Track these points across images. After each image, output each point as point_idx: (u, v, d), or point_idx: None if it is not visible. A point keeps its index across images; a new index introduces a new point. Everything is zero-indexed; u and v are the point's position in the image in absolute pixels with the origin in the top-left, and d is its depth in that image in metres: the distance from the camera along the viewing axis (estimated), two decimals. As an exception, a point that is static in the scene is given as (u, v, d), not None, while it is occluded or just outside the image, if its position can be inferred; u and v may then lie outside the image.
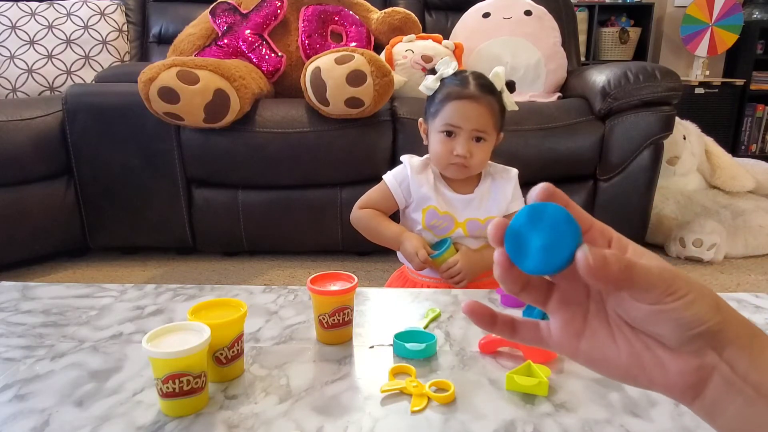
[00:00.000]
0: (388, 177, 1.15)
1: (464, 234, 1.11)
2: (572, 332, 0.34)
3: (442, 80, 1.09)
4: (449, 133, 1.06)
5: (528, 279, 0.34)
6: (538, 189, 0.33)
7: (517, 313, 0.85)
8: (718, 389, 0.31)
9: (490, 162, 1.14)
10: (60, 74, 2.33)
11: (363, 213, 1.17)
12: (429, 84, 1.10)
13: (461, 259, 1.07)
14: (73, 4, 2.39)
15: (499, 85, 1.07)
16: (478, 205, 1.11)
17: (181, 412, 0.59)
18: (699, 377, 0.32)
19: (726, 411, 0.31)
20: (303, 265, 1.98)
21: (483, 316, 0.35)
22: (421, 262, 1.05)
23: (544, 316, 0.65)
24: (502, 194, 1.11)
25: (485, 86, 1.06)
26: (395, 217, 1.17)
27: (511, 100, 1.08)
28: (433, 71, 1.10)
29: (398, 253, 1.18)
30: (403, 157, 1.16)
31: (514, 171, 1.14)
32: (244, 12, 2.16)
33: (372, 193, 1.17)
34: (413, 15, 2.26)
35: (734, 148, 3.65)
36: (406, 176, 1.12)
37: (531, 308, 0.81)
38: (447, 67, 1.09)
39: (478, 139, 1.05)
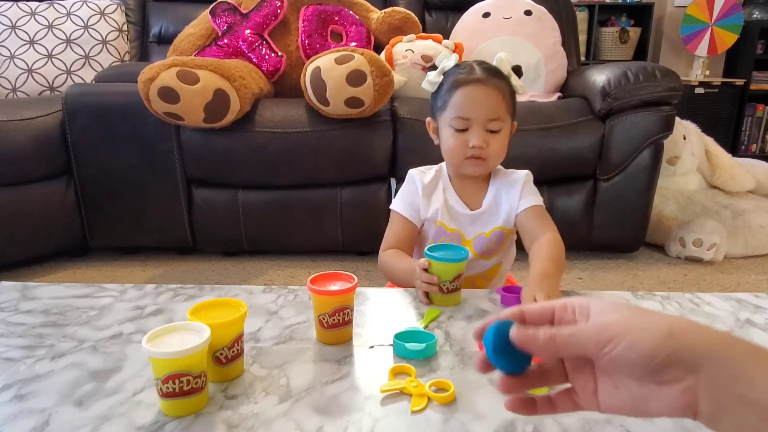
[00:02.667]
0: (396, 204, 1.08)
1: (472, 252, 1.04)
2: (589, 392, 0.40)
3: (445, 73, 1.03)
4: (462, 128, 0.99)
5: (546, 370, 0.42)
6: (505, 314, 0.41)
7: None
8: (707, 406, 0.34)
9: (499, 167, 1.08)
10: (60, 74, 2.33)
11: (383, 256, 1.05)
12: (432, 79, 1.05)
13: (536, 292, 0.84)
14: (73, 4, 2.39)
15: (506, 69, 1.02)
16: (487, 220, 1.06)
17: (181, 412, 0.59)
18: (687, 399, 0.34)
19: (720, 424, 0.34)
20: (303, 265, 1.98)
21: (527, 408, 0.42)
22: (423, 272, 0.88)
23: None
24: (510, 202, 1.04)
25: (492, 70, 1.00)
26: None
27: (519, 83, 1.03)
28: (433, 68, 1.06)
29: None
30: (412, 172, 1.09)
31: (522, 173, 1.06)
32: (244, 12, 2.16)
33: (388, 231, 1.08)
34: (413, 15, 2.26)
35: (734, 148, 3.65)
36: (417, 193, 1.06)
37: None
38: (448, 60, 1.04)
39: (493, 130, 0.98)
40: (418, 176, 1.08)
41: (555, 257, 0.95)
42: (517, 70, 1.05)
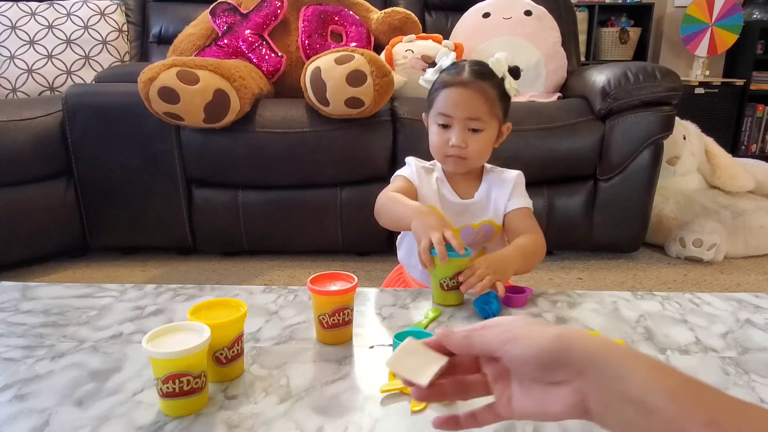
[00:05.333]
0: (401, 171, 1.11)
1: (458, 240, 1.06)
2: (506, 399, 0.43)
3: (441, 72, 1.06)
4: (444, 124, 1.02)
5: (467, 387, 0.47)
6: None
7: (518, 313, 0.85)
8: (595, 406, 0.38)
9: (493, 166, 1.11)
10: (60, 74, 2.33)
11: (382, 195, 1.05)
12: (428, 77, 1.07)
13: (483, 263, 0.88)
14: (73, 4, 2.39)
15: (500, 71, 1.03)
16: (476, 212, 1.08)
17: (181, 412, 0.59)
18: (578, 399, 0.38)
19: (607, 421, 0.38)
20: (303, 265, 1.98)
21: (451, 425, 0.46)
22: (442, 241, 0.83)
23: (497, 313, 0.80)
24: (500, 198, 1.07)
25: (479, 72, 1.02)
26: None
27: (513, 85, 1.04)
28: (433, 64, 1.08)
29: (398, 254, 1.17)
30: (409, 159, 1.13)
31: (515, 173, 1.09)
32: (244, 12, 2.16)
33: (390, 186, 1.08)
34: (413, 15, 2.26)
35: (734, 148, 3.65)
36: (414, 175, 1.09)
37: (483, 304, 0.82)
38: (446, 58, 1.06)
39: (474, 130, 1.01)
40: (414, 162, 1.11)
41: (527, 250, 0.97)
42: (515, 71, 1.06)
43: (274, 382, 0.66)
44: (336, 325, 0.74)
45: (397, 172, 1.12)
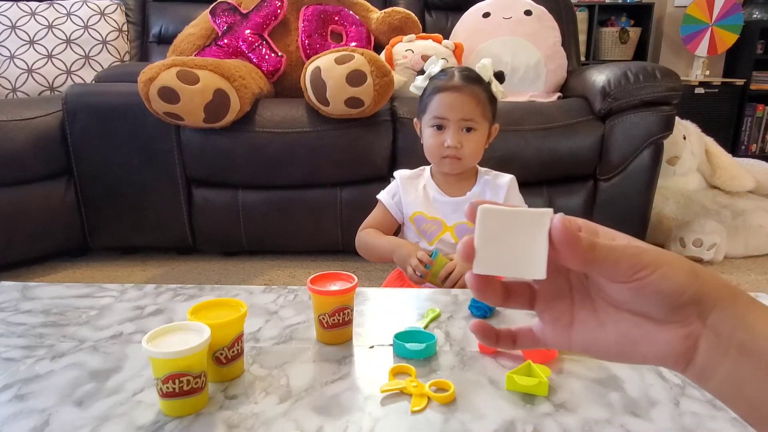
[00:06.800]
0: (382, 194, 1.19)
1: (453, 238, 1.12)
2: (562, 326, 0.36)
3: (431, 78, 1.12)
4: (439, 127, 1.08)
5: (508, 289, 0.37)
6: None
7: (517, 313, 0.85)
8: (707, 354, 0.33)
9: (486, 169, 1.16)
10: (60, 74, 2.33)
11: (361, 234, 1.18)
12: (418, 84, 1.13)
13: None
14: (73, 4, 2.39)
15: (486, 75, 1.09)
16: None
17: (181, 412, 0.59)
18: (686, 346, 0.33)
19: (716, 374, 0.33)
20: (303, 265, 1.98)
21: (488, 335, 0.38)
22: (420, 263, 1.02)
23: (491, 307, 0.75)
24: (495, 200, 1.10)
25: (469, 77, 1.08)
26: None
27: (499, 89, 1.11)
28: (422, 72, 1.14)
29: None
30: (396, 173, 1.20)
31: (508, 177, 1.14)
32: (244, 12, 2.16)
33: (371, 216, 1.20)
34: (413, 15, 2.26)
35: (734, 148, 3.65)
36: (398, 189, 1.16)
37: (476, 302, 0.84)
38: (435, 66, 1.12)
39: (468, 129, 1.07)
40: (399, 174, 1.19)
41: None
42: (500, 76, 1.12)
43: (274, 382, 0.66)
44: (336, 325, 0.74)
45: (380, 194, 1.20)
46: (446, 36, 2.24)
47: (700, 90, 3.50)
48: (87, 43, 2.36)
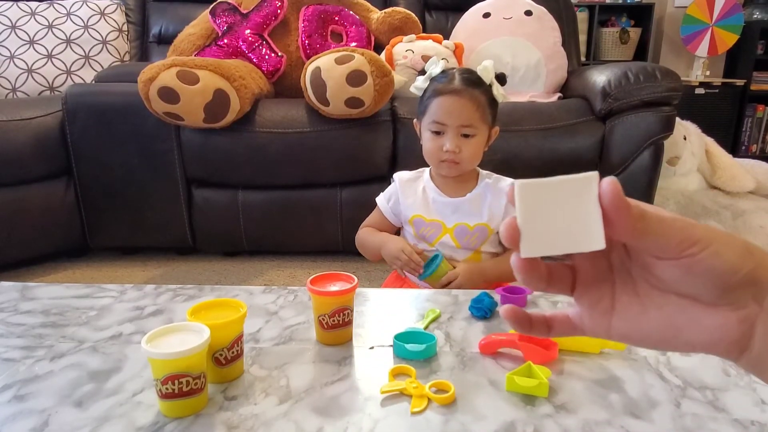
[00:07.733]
0: (380, 198, 1.19)
1: (452, 240, 1.11)
2: (602, 312, 0.34)
3: (431, 79, 1.11)
4: (438, 132, 1.08)
5: (551, 273, 0.34)
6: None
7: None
8: (764, 340, 0.30)
9: (487, 172, 1.16)
10: (60, 74, 2.33)
11: (360, 232, 1.20)
12: (419, 84, 1.12)
13: (462, 273, 1.06)
14: (73, 4, 2.39)
15: (488, 78, 1.08)
16: (469, 210, 1.11)
17: (181, 413, 0.59)
18: (742, 331, 0.30)
19: None
20: (303, 265, 1.98)
21: (522, 321, 0.36)
22: (409, 261, 1.06)
23: (492, 307, 0.80)
24: (496, 204, 1.11)
25: (469, 80, 1.07)
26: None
27: (500, 92, 1.10)
28: (423, 72, 1.13)
29: None
30: (395, 175, 1.20)
31: (509, 180, 1.12)
32: (244, 12, 2.16)
33: (369, 217, 1.21)
34: (413, 15, 2.26)
35: (734, 148, 3.65)
36: (396, 192, 1.16)
37: (476, 303, 0.84)
38: (435, 67, 1.11)
39: (467, 135, 1.07)
40: (398, 177, 1.19)
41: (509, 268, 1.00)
42: (501, 78, 1.13)
43: (274, 382, 0.66)
44: (336, 326, 0.74)
45: (378, 197, 1.21)
46: (446, 36, 2.24)
47: (700, 90, 3.50)
48: (87, 43, 2.36)
